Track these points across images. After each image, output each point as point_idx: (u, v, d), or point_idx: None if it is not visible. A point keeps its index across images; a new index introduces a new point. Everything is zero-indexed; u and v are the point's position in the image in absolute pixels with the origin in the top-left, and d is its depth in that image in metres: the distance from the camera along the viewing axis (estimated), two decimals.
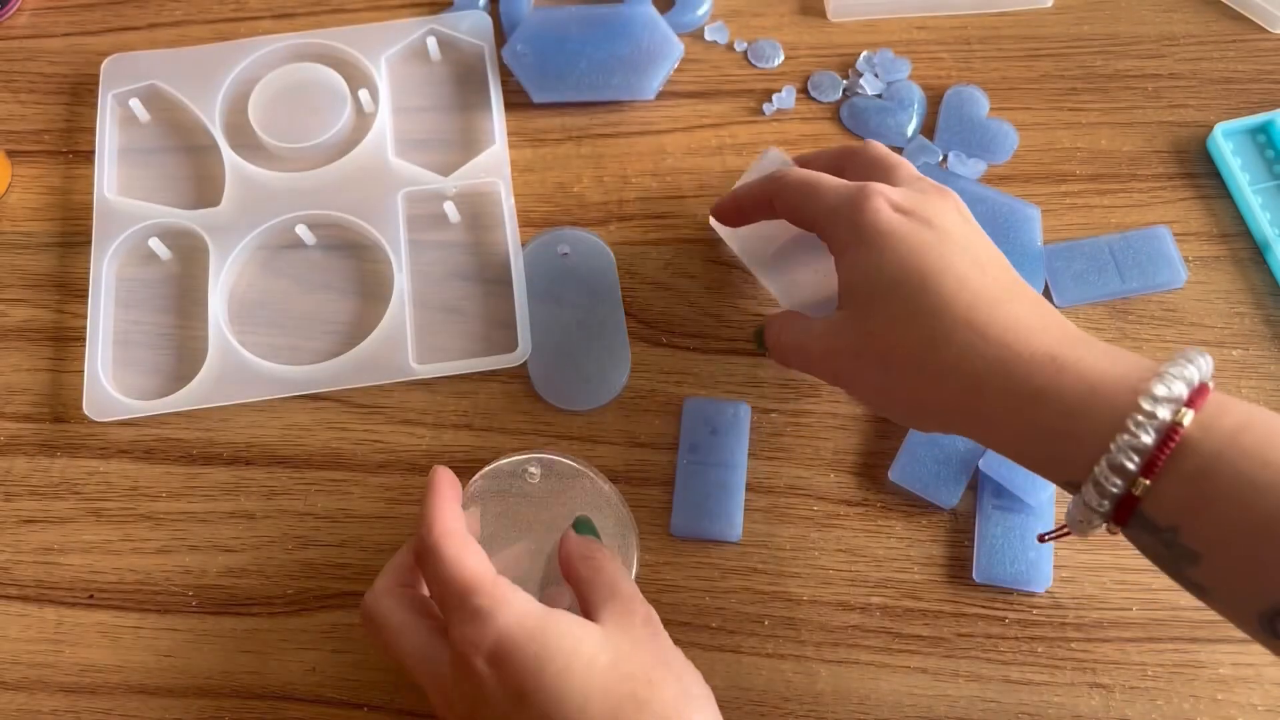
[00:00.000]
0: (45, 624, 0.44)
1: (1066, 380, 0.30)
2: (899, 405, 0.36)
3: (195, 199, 0.51)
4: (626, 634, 0.32)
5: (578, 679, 0.30)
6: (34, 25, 0.56)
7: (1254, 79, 0.52)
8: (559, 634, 0.31)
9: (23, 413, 0.47)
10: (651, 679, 0.31)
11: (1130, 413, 0.28)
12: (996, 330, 0.32)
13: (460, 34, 0.53)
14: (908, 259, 0.34)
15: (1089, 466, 0.29)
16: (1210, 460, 0.28)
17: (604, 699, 0.30)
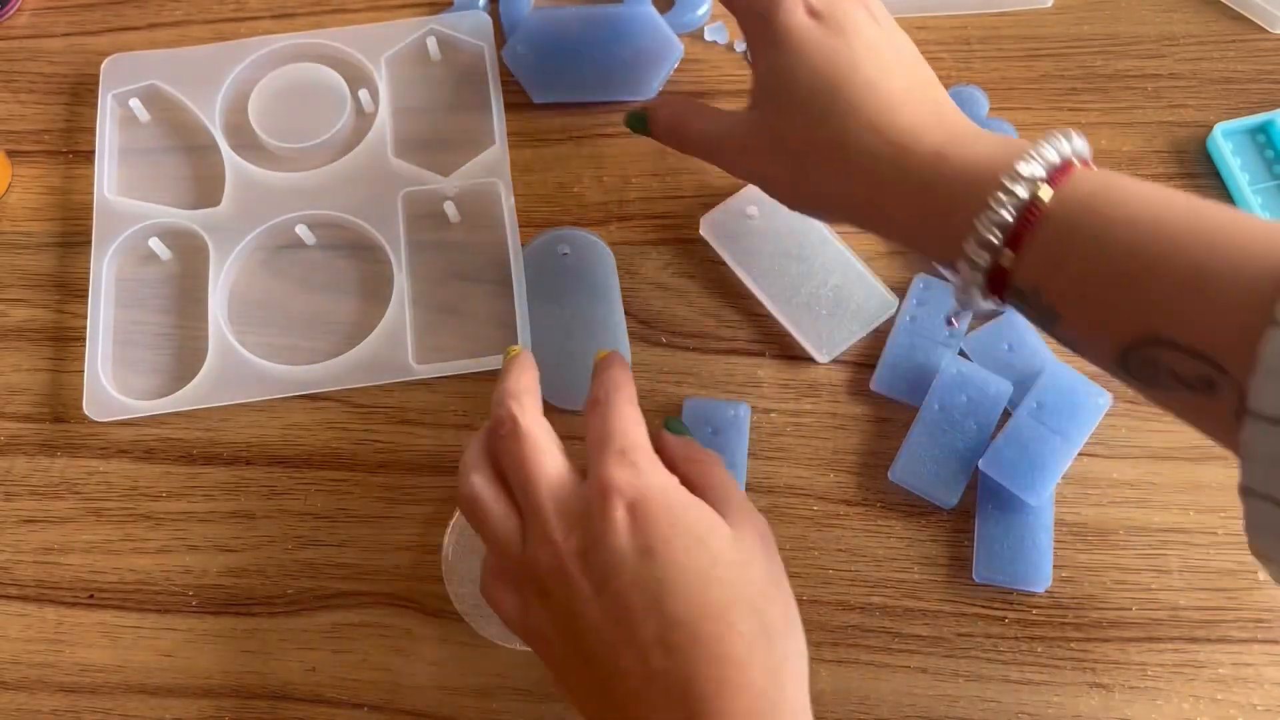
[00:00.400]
0: (45, 624, 0.44)
1: (948, 169, 0.33)
2: (807, 199, 0.38)
3: (195, 199, 0.51)
4: (750, 543, 0.34)
5: (704, 562, 0.32)
6: (34, 25, 0.56)
7: (1254, 79, 0.52)
8: (698, 516, 0.33)
9: (23, 412, 0.47)
10: (766, 593, 0.33)
11: (994, 191, 0.31)
12: (895, 133, 0.35)
13: (460, 34, 0.53)
14: (820, 67, 0.36)
15: (959, 243, 0.33)
16: (1065, 226, 0.31)
17: (721, 591, 0.31)
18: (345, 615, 0.43)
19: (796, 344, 0.47)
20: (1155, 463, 0.44)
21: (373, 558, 0.44)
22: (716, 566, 0.32)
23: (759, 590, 0.32)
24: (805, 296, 0.47)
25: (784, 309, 0.47)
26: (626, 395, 0.37)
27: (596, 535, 0.32)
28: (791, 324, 0.47)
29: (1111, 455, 0.44)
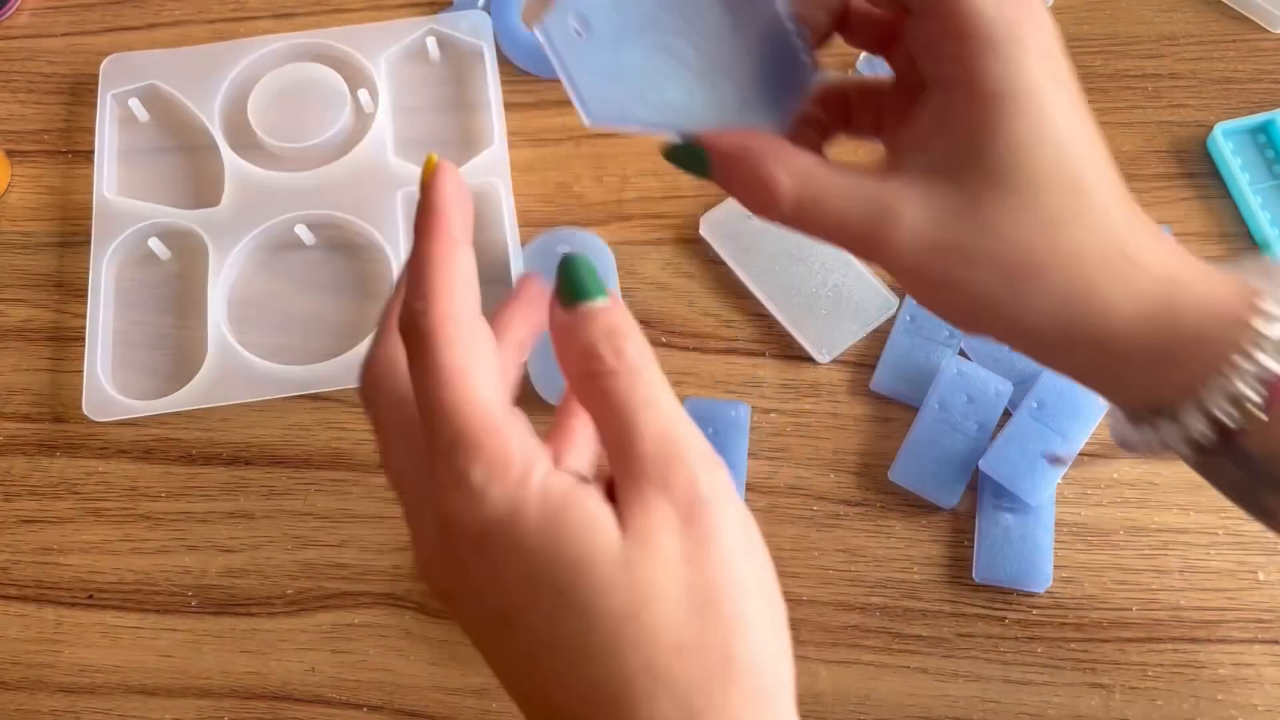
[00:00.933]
0: (45, 624, 0.44)
1: (1184, 300, 0.25)
2: (1003, 324, 0.26)
3: (195, 199, 0.51)
4: (659, 550, 0.21)
5: (575, 628, 0.21)
6: (33, 25, 0.56)
7: (1254, 79, 0.52)
8: (562, 548, 0.21)
9: (22, 413, 0.47)
10: (682, 644, 0.21)
11: (1248, 336, 0.25)
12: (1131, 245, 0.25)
13: (460, 34, 0.53)
14: (1070, 140, 0.25)
15: (1193, 392, 0.26)
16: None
17: (608, 665, 0.21)
18: (345, 615, 0.43)
19: (797, 344, 0.47)
20: (1156, 463, 0.44)
21: (372, 558, 0.44)
22: (594, 628, 0.21)
23: (675, 639, 0.21)
24: (805, 296, 0.47)
25: (784, 309, 0.47)
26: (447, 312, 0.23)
27: (452, 582, 0.23)
28: (791, 324, 0.47)
29: (1112, 455, 0.44)
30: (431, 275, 0.24)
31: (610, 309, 0.24)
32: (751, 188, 0.26)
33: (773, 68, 0.27)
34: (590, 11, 0.25)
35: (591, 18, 0.25)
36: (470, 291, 0.24)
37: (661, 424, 0.22)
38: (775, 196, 0.26)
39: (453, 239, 0.24)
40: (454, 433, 0.22)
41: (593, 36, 0.25)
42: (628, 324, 0.24)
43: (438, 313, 0.23)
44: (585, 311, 0.23)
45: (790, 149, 0.26)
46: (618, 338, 0.23)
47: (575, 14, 0.25)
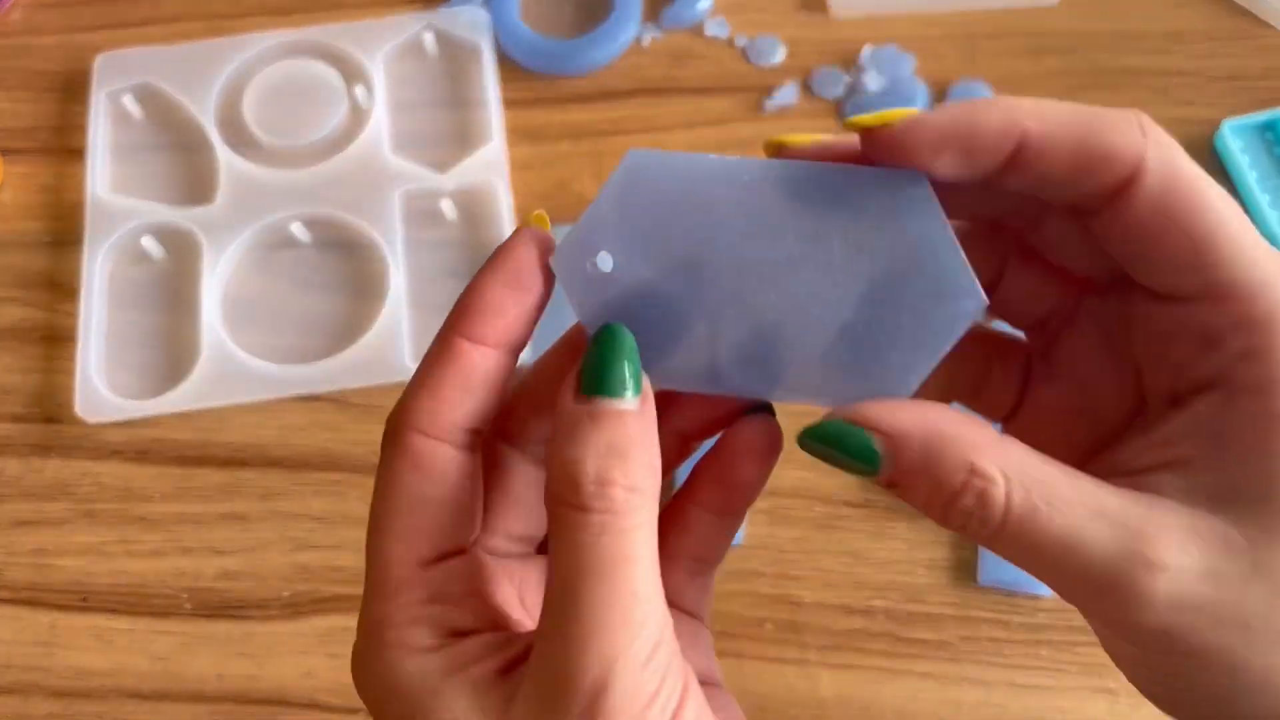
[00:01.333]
0: (38, 627, 0.43)
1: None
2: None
3: (189, 197, 0.50)
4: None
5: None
6: (27, 22, 0.56)
7: (1262, 76, 0.51)
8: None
9: (14, 413, 0.47)
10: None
11: None
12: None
13: (458, 29, 0.53)
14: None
15: None
16: None
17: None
18: (342, 619, 0.43)
19: None
20: None
21: None
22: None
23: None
24: None
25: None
26: (411, 420, 0.20)
27: None
28: None
29: None
30: (420, 375, 0.20)
31: (625, 421, 0.18)
32: (948, 490, 0.18)
33: (898, 303, 0.19)
34: (623, 244, 0.19)
35: (624, 252, 0.19)
36: (463, 407, 0.20)
37: (606, 600, 0.17)
38: (988, 507, 0.18)
39: (460, 345, 0.20)
40: (370, 574, 0.20)
41: (624, 277, 0.19)
42: (637, 449, 0.18)
43: (404, 419, 0.20)
44: (594, 411, 0.19)
45: (994, 433, 0.18)
46: (613, 465, 0.18)
47: (601, 246, 0.19)
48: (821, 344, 0.19)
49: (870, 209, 0.19)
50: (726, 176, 0.19)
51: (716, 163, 0.19)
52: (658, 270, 0.19)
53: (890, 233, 0.19)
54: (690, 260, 0.19)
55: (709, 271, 0.19)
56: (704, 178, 0.19)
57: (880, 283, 0.19)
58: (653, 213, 0.19)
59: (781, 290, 0.19)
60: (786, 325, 0.19)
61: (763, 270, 0.19)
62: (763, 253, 0.19)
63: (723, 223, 0.19)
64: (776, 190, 0.19)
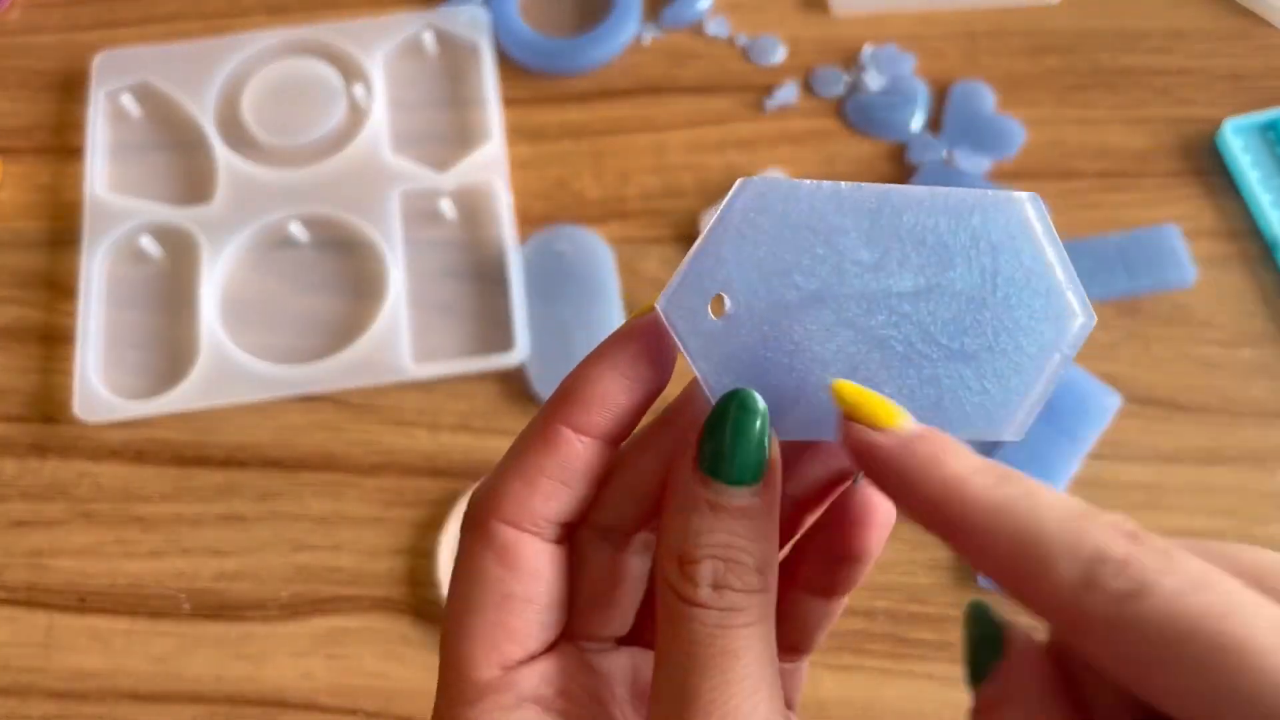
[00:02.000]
0: (36, 628, 0.43)
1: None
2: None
3: (187, 196, 0.50)
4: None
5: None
6: (25, 21, 0.55)
7: (1263, 75, 0.51)
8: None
9: (12, 413, 0.47)
10: None
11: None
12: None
13: (457, 28, 0.52)
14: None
15: None
16: None
17: None
18: (340, 620, 0.43)
19: None
20: (1165, 465, 0.44)
21: (368, 562, 0.43)
22: None
23: None
24: None
25: None
26: (506, 511, 0.19)
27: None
28: None
29: (1121, 457, 0.44)
30: (513, 459, 0.19)
31: (747, 513, 0.17)
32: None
33: (1015, 326, 0.19)
34: (741, 283, 0.17)
35: (743, 291, 0.17)
36: (558, 499, 0.19)
37: (711, 712, 0.17)
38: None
39: (563, 434, 0.19)
40: (443, 676, 0.19)
41: (742, 319, 0.18)
42: (758, 544, 0.17)
43: (493, 508, 0.19)
44: (715, 500, 0.17)
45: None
46: (731, 568, 0.17)
47: (718, 287, 0.17)
48: (948, 374, 0.18)
49: (981, 239, 0.18)
50: (850, 202, 0.18)
51: (837, 189, 0.18)
52: (782, 311, 0.18)
53: (1000, 260, 0.18)
54: (816, 297, 0.18)
55: (836, 307, 0.18)
56: (825, 204, 0.18)
57: (998, 310, 0.18)
58: (772, 247, 0.17)
59: (912, 320, 0.18)
60: (918, 357, 0.18)
61: (892, 303, 0.18)
62: (891, 284, 0.18)
63: (848, 253, 0.18)
64: (899, 220, 0.18)
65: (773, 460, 0.17)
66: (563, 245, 0.48)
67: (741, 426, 0.17)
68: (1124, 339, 0.46)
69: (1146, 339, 0.46)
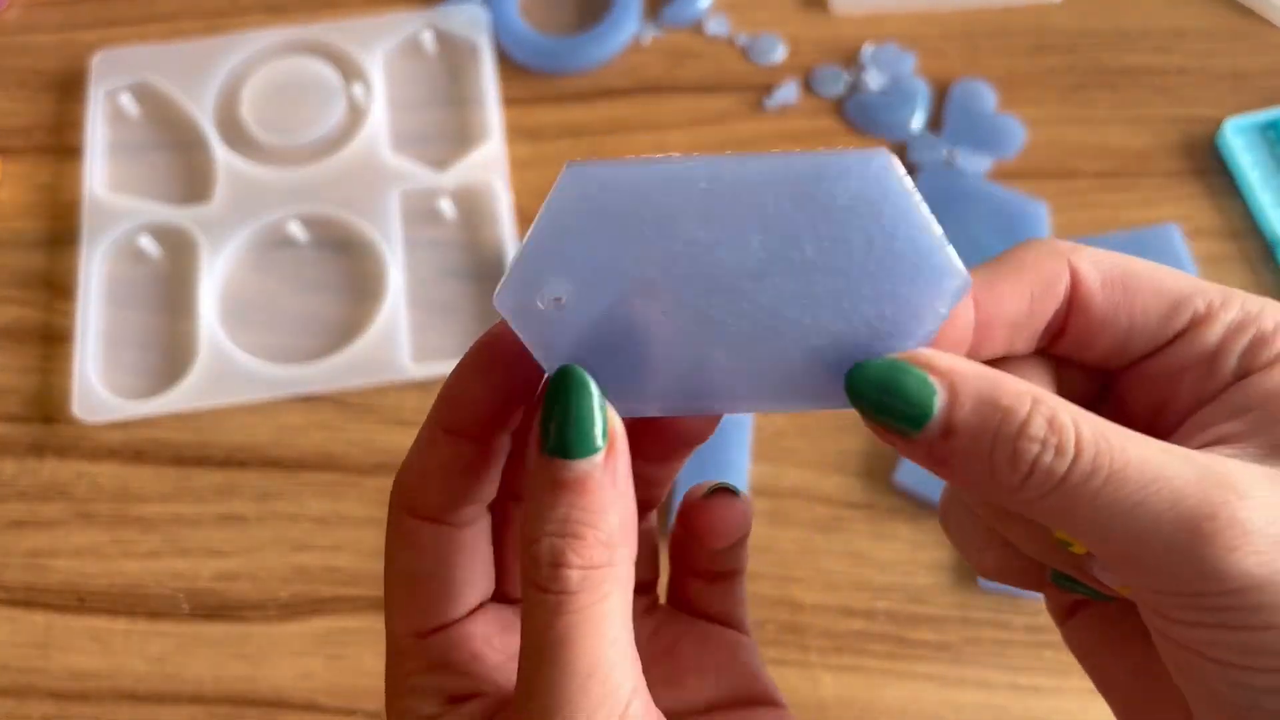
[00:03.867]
0: (34, 628, 0.43)
1: None
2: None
3: (186, 196, 0.50)
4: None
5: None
6: (24, 20, 0.55)
7: (1264, 74, 0.51)
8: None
9: (11, 413, 0.47)
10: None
11: None
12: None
13: (456, 27, 0.52)
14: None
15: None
16: None
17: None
18: (339, 621, 0.43)
19: None
20: None
21: (367, 562, 0.43)
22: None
23: None
24: None
25: None
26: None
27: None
28: None
29: None
30: (410, 455, 0.21)
31: (586, 486, 0.17)
32: (1015, 421, 0.16)
33: (879, 293, 0.17)
34: (573, 274, 0.17)
35: (575, 283, 0.17)
36: (449, 492, 0.20)
37: (564, 677, 0.17)
38: (1062, 433, 0.16)
39: (438, 436, 0.20)
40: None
41: (579, 310, 0.18)
42: (597, 516, 0.17)
43: (397, 499, 0.21)
44: (553, 478, 0.17)
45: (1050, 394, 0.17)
46: (567, 545, 0.17)
47: (549, 280, 0.17)
48: (804, 348, 0.18)
49: (839, 198, 0.17)
50: (680, 183, 0.17)
51: (666, 168, 0.17)
52: (616, 295, 0.17)
53: (862, 220, 0.17)
54: (651, 280, 0.17)
55: (673, 290, 0.17)
56: (655, 187, 0.17)
57: (858, 275, 0.17)
58: (602, 232, 0.17)
59: (754, 299, 0.17)
60: (765, 335, 0.18)
61: (732, 281, 0.17)
62: (730, 262, 0.17)
63: (682, 235, 0.17)
64: (737, 192, 0.17)
65: (611, 430, 0.17)
66: None
67: (569, 402, 0.17)
68: None
69: None
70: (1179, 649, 0.17)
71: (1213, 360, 0.18)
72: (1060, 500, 0.16)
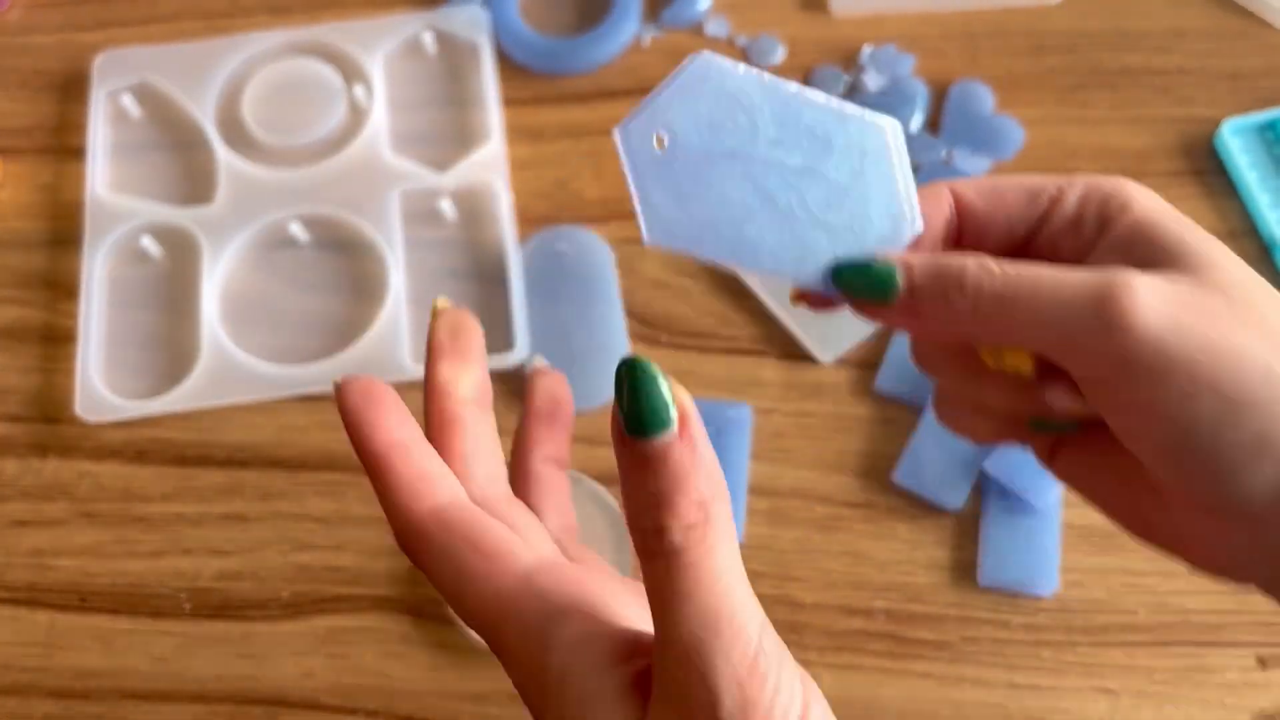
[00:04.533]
0: (37, 628, 0.43)
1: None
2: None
3: (188, 196, 0.50)
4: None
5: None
6: (26, 21, 0.56)
7: (1263, 74, 0.51)
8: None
9: (13, 413, 0.47)
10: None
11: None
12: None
13: (457, 28, 0.53)
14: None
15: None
16: None
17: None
18: (341, 619, 0.43)
19: (799, 344, 0.46)
20: None
21: (369, 561, 0.44)
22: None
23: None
24: None
25: (788, 307, 0.46)
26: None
27: None
28: (794, 322, 0.46)
29: None
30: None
31: (668, 458, 0.19)
32: (952, 273, 0.23)
33: (864, 217, 0.25)
34: (681, 127, 0.23)
35: (681, 134, 0.23)
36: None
37: (693, 626, 0.19)
38: (987, 264, 0.22)
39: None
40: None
41: (676, 155, 0.23)
42: (684, 481, 0.19)
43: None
44: (638, 456, 0.19)
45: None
46: (664, 513, 0.19)
47: (664, 126, 0.23)
48: (814, 235, 0.24)
49: (854, 146, 0.24)
50: (772, 91, 0.23)
51: (762, 77, 0.23)
52: (704, 152, 0.23)
53: (865, 164, 0.24)
54: (732, 152, 0.23)
55: (745, 164, 0.24)
56: (751, 87, 0.23)
57: (856, 200, 0.24)
58: (708, 107, 0.23)
59: (795, 188, 0.24)
60: (792, 217, 0.24)
61: (784, 172, 0.24)
62: (785, 158, 0.24)
63: (761, 128, 0.23)
64: (800, 111, 0.24)
65: (680, 403, 0.19)
66: (562, 245, 0.48)
67: (639, 388, 0.19)
68: None
69: None
70: (1124, 422, 0.22)
71: (1076, 224, 0.24)
72: (1000, 306, 0.22)
